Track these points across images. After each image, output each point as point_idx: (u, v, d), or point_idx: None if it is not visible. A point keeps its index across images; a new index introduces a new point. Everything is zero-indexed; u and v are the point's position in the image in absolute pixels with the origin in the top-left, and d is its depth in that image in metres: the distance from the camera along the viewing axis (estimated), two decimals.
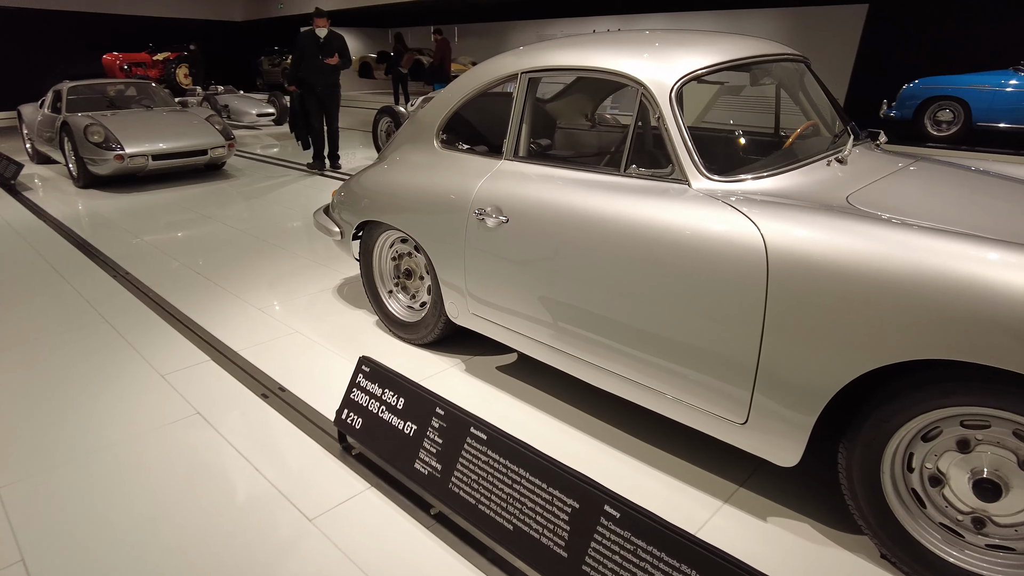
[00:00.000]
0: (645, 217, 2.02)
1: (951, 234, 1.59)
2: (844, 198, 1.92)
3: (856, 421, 1.74)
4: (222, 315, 3.54)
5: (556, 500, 1.69)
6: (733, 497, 2.10)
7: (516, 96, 2.52)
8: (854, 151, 2.25)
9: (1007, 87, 8.24)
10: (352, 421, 2.24)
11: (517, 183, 2.42)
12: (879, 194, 1.95)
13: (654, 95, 2.10)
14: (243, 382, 2.83)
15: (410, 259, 3.09)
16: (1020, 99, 8.19)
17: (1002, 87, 8.26)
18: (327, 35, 6.97)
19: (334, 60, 6.98)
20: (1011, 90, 8.25)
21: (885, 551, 1.79)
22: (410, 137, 3.08)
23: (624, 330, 2.11)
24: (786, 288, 1.72)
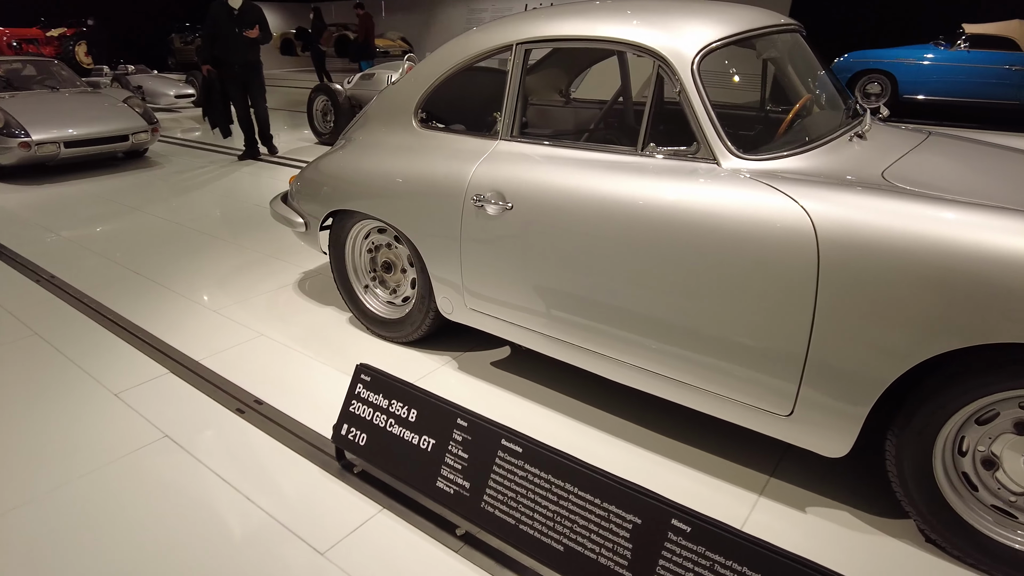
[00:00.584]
0: (675, 200, 1.87)
1: (1011, 211, 1.53)
2: (880, 175, 1.84)
3: (908, 408, 1.67)
4: (173, 320, 3.18)
5: (614, 516, 1.54)
6: (767, 489, 2.02)
7: (511, 70, 2.31)
8: (872, 126, 2.18)
9: (929, 60, 8.62)
10: (354, 437, 2.02)
11: (519, 165, 2.22)
12: (912, 170, 1.88)
13: (675, 68, 1.94)
14: (212, 396, 2.53)
15: (389, 251, 2.84)
16: (940, 72, 8.59)
17: (925, 60, 8.64)
18: (242, 5, 6.23)
19: (254, 32, 6.28)
20: (930, 64, 8.64)
21: (935, 536, 1.75)
22: (381, 117, 2.81)
23: (652, 323, 1.97)
24: (839, 272, 1.62)
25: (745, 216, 1.75)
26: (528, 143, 2.28)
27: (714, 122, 1.90)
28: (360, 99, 7.56)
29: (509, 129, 2.33)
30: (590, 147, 2.14)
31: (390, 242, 2.81)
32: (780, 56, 2.42)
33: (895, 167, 1.89)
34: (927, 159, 1.98)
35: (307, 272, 3.81)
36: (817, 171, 1.85)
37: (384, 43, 15.86)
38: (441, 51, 2.59)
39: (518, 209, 2.18)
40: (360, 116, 3.05)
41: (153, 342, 2.94)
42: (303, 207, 3.06)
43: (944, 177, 1.85)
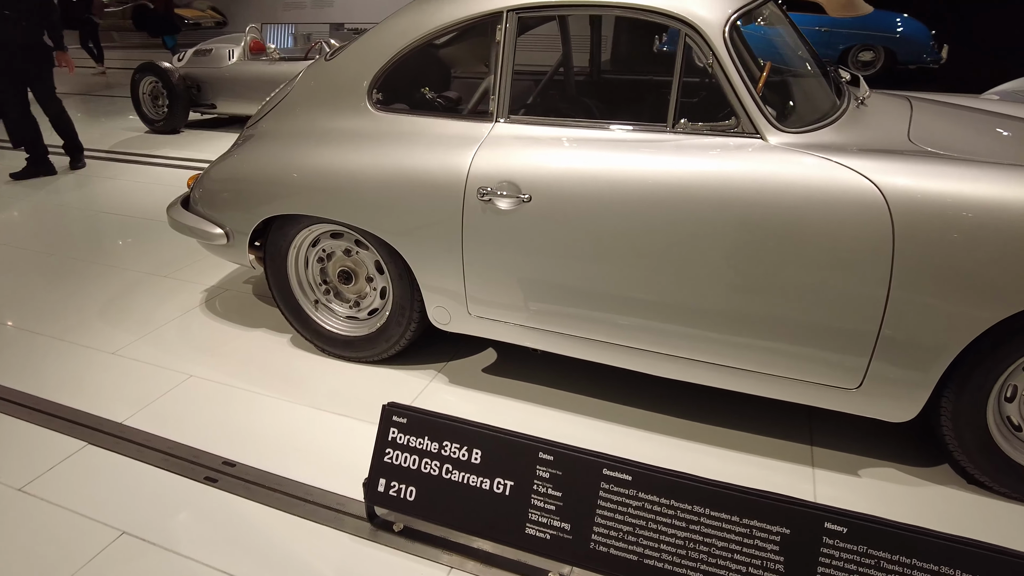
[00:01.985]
0: (729, 179, 1.75)
1: None
2: (908, 140, 1.87)
3: (968, 367, 1.73)
4: (64, 374, 2.50)
5: (757, 532, 1.42)
6: (816, 459, 2.04)
7: (503, 40, 2.03)
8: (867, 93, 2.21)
9: None
10: (397, 492, 1.69)
11: (531, 150, 1.97)
12: (929, 134, 1.93)
13: (706, 34, 1.80)
14: (163, 466, 2.01)
15: (348, 258, 2.43)
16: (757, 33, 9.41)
17: None
18: None
19: None
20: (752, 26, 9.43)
21: (983, 477, 1.86)
22: (318, 100, 2.37)
23: (706, 312, 1.86)
24: (915, 243, 1.61)
25: (813, 192, 1.68)
26: (532, 124, 2.03)
27: (753, 95, 1.80)
28: (199, 78, 6.56)
29: (504, 109, 2.05)
30: (611, 125, 1.94)
31: (349, 248, 2.41)
32: (771, 23, 2.36)
33: (914, 132, 1.93)
34: (931, 122, 2.05)
35: (210, 289, 3.21)
36: (853, 141, 1.82)
37: (192, 13, 13.94)
38: (400, 19, 2.22)
39: (537, 200, 1.93)
40: (279, 101, 2.56)
41: (50, 409, 2.28)
42: (222, 215, 2.52)
43: (961, 139, 1.92)
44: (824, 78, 2.11)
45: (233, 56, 6.55)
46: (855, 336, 1.72)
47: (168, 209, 2.78)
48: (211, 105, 6.67)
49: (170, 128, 6.64)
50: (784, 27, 2.19)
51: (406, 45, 2.17)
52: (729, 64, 1.80)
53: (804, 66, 2.14)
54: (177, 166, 5.63)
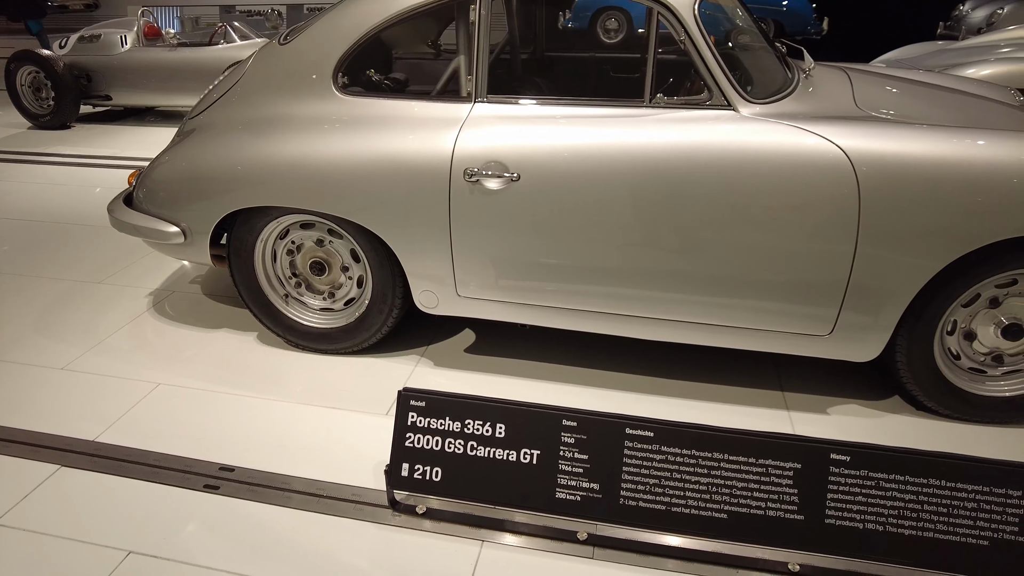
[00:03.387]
0: (707, 149, 1.87)
1: (971, 129, 1.84)
2: (856, 107, 2.06)
3: (917, 308, 1.95)
4: (13, 395, 2.28)
5: (772, 469, 1.56)
6: (788, 403, 2.23)
7: (478, 20, 2.03)
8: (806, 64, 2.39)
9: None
10: (423, 475, 1.71)
11: (516, 128, 2.00)
12: (873, 100, 2.13)
13: (681, 15, 1.90)
14: (154, 479, 1.91)
15: (320, 248, 2.38)
16: None
17: None
18: None
19: None
20: None
21: (931, 403, 2.11)
22: (275, 85, 2.29)
23: (692, 276, 1.98)
24: (877, 200, 1.80)
25: (784, 158, 1.83)
26: (512, 103, 2.06)
27: (724, 69, 1.92)
28: (88, 67, 6.03)
29: (482, 89, 2.07)
30: (591, 102, 2.01)
31: (322, 238, 2.35)
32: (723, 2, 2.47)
33: (859, 99, 2.13)
34: (869, 90, 2.26)
35: (155, 292, 3.02)
36: (812, 110, 1.99)
37: None
38: None
39: (527, 178, 1.97)
40: (227, 88, 2.44)
41: (7, 435, 2.09)
42: (176, 213, 2.39)
43: (898, 104, 2.13)
44: (774, 52, 2.27)
45: (127, 42, 6.06)
46: (828, 288, 1.90)
47: (110, 208, 2.59)
48: (105, 96, 6.16)
49: (58, 123, 6.07)
50: (733, 4, 2.32)
51: (373, 26, 2.13)
52: (701, 41, 1.90)
53: (758, 40, 2.29)
54: (74, 164, 5.19)
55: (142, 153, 5.44)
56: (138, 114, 6.80)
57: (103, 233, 3.71)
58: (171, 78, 6.02)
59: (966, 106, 2.25)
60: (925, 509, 1.50)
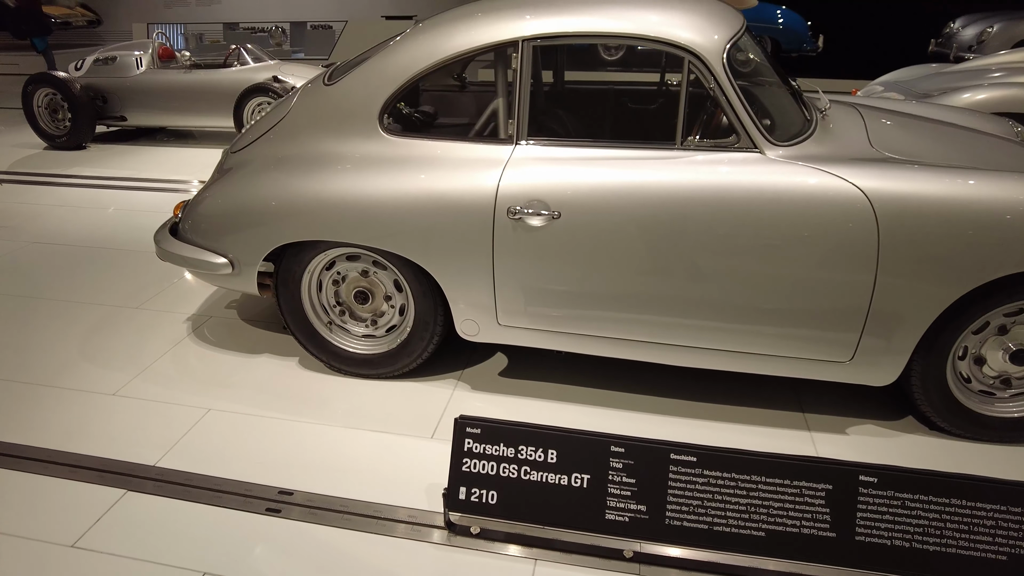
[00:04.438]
0: (737, 189, 2.02)
1: (980, 171, 2.00)
2: (872, 148, 2.21)
3: (932, 334, 2.09)
4: (70, 422, 2.39)
5: (806, 490, 1.69)
6: (810, 424, 2.37)
7: (520, 68, 2.17)
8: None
9: None
10: (480, 498, 1.83)
11: (556, 169, 2.13)
12: (887, 141, 2.28)
13: (709, 63, 2.04)
14: (217, 503, 2.02)
15: (364, 279, 2.50)
16: None
17: None
18: None
19: None
20: None
21: (943, 423, 2.25)
22: (322, 124, 2.42)
23: (722, 306, 2.12)
24: (894, 235, 1.95)
25: (809, 198, 1.98)
26: (552, 145, 2.20)
27: (751, 114, 2.06)
28: (104, 89, 6.14)
29: (525, 131, 2.20)
30: (626, 144, 2.15)
31: (367, 269, 2.47)
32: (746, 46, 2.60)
33: (873, 139, 2.28)
34: (882, 130, 2.41)
35: (192, 317, 3.13)
36: (831, 151, 2.14)
37: (58, 11, 12.72)
38: (411, 45, 2.30)
39: (567, 216, 2.11)
40: (272, 125, 2.57)
41: (74, 461, 2.20)
42: (224, 244, 2.50)
43: (910, 144, 2.29)
44: (792, 94, 2.42)
45: (142, 64, 6.18)
46: (850, 316, 2.04)
47: (157, 239, 2.70)
48: (120, 117, 6.27)
49: (74, 144, 6.17)
50: (755, 48, 2.47)
51: (419, 71, 2.26)
52: (729, 88, 2.05)
53: (778, 83, 2.43)
54: (92, 185, 5.29)
55: (157, 174, 5.56)
56: (150, 133, 6.90)
57: (132, 257, 3.82)
58: (185, 99, 6.14)
59: (972, 144, 2.41)
60: (948, 527, 1.64)
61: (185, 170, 5.68)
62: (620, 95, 3.23)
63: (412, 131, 2.39)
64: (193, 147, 6.48)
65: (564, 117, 2.88)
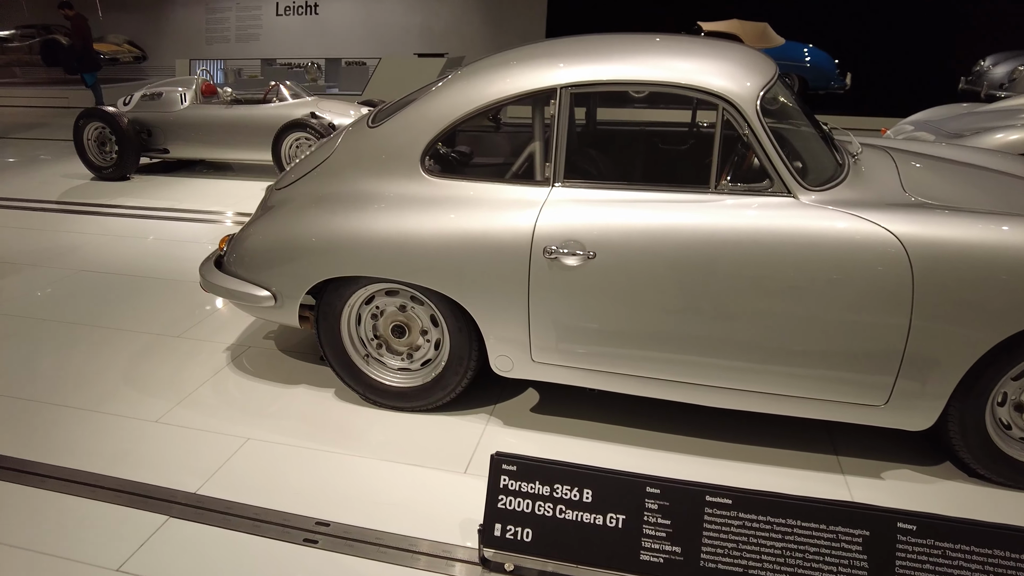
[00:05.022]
0: (770, 234, 2.05)
1: (1015, 216, 2.01)
2: (905, 193, 2.23)
3: (969, 379, 2.08)
4: (114, 447, 2.47)
5: (842, 536, 1.68)
6: (844, 467, 2.35)
7: (557, 114, 2.25)
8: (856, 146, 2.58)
9: None
10: (515, 535, 1.85)
11: (592, 210, 2.19)
12: (920, 186, 2.31)
13: (743, 110, 2.10)
14: (256, 532, 2.07)
15: (402, 314, 2.57)
16: None
17: None
18: None
19: None
20: None
21: (983, 470, 2.22)
22: (364, 164, 2.51)
23: (755, 347, 2.14)
24: (929, 280, 1.96)
25: (842, 243, 2.00)
26: (587, 187, 2.26)
27: (784, 160, 2.10)
28: (149, 123, 6.41)
29: (560, 174, 2.27)
30: (661, 187, 2.20)
31: (404, 304, 2.54)
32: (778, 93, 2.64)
33: (907, 184, 2.30)
34: (914, 175, 2.44)
35: (231, 347, 3.22)
36: (864, 196, 2.16)
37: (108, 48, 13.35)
38: (453, 91, 2.40)
39: (603, 256, 2.16)
40: (317, 164, 2.67)
41: (118, 486, 2.27)
42: (268, 278, 2.60)
43: (944, 190, 2.31)
44: (822, 137, 2.46)
45: (185, 100, 6.44)
46: (884, 359, 2.05)
47: (202, 271, 2.81)
48: (163, 150, 6.52)
49: (119, 175, 6.43)
50: (786, 94, 2.53)
51: (460, 116, 2.35)
52: (762, 133, 2.10)
53: (810, 128, 2.48)
54: (138, 215, 5.49)
55: (196, 205, 5.76)
56: (189, 165, 7.16)
57: (172, 286, 3.95)
58: (225, 133, 6.38)
59: (1006, 189, 2.42)
60: None
61: (223, 201, 5.87)
62: (651, 136, 3.30)
63: (451, 172, 2.47)
64: (231, 179, 6.70)
65: (597, 158, 2.95)
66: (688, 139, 3.20)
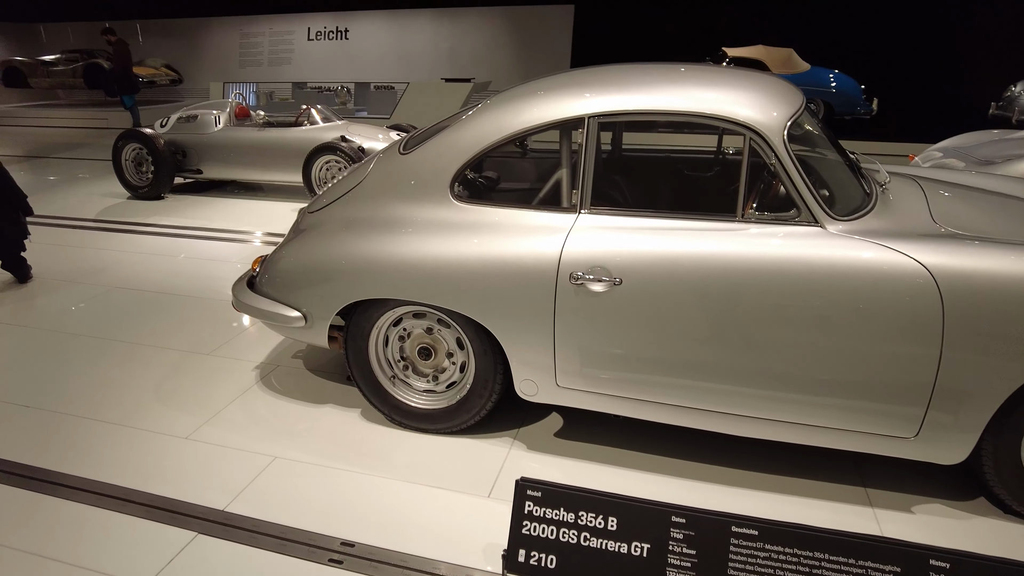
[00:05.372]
0: (798, 263, 2.05)
1: None
2: (934, 223, 2.22)
3: (1004, 412, 2.04)
4: (145, 462, 2.52)
5: (872, 571, 1.66)
6: (872, 500, 2.31)
7: (585, 142, 2.28)
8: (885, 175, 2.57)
9: None
10: (539, 561, 1.85)
11: (618, 237, 2.21)
12: (950, 215, 2.29)
13: (771, 140, 2.11)
14: (281, 551, 2.09)
15: (428, 336, 2.60)
16: None
17: None
18: None
19: None
20: None
21: (1020, 508, 2.17)
22: (396, 189, 2.57)
23: (782, 376, 2.12)
24: (960, 311, 1.93)
25: (870, 274, 1.99)
26: (613, 214, 2.28)
27: (811, 189, 2.11)
28: (184, 145, 6.60)
29: (586, 201, 2.30)
30: (686, 215, 2.22)
31: (431, 326, 2.57)
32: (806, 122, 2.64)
33: (935, 213, 2.29)
34: (944, 204, 2.42)
35: (260, 365, 3.28)
36: (892, 226, 2.15)
37: (146, 71, 13.82)
38: (483, 119, 2.45)
39: (629, 283, 2.17)
40: (350, 188, 2.74)
41: (149, 501, 2.32)
42: (299, 299, 2.65)
43: (974, 219, 2.28)
44: (850, 167, 2.46)
45: (220, 122, 6.63)
46: (914, 390, 2.02)
47: (234, 291, 2.88)
48: (197, 170, 6.70)
49: (154, 194, 6.62)
50: (813, 123, 2.54)
51: (489, 144, 2.40)
52: (789, 163, 2.11)
53: (837, 157, 2.48)
54: (170, 234, 5.63)
55: (227, 225, 5.89)
56: (221, 185, 7.34)
57: (203, 304, 4.04)
58: (257, 155, 6.54)
59: None
60: None
61: (253, 222, 6.00)
62: (677, 163, 3.32)
63: (479, 198, 2.51)
64: (261, 199, 6.85)
65: (623, 184, 2.97)
66: (714, 166, 3.21)
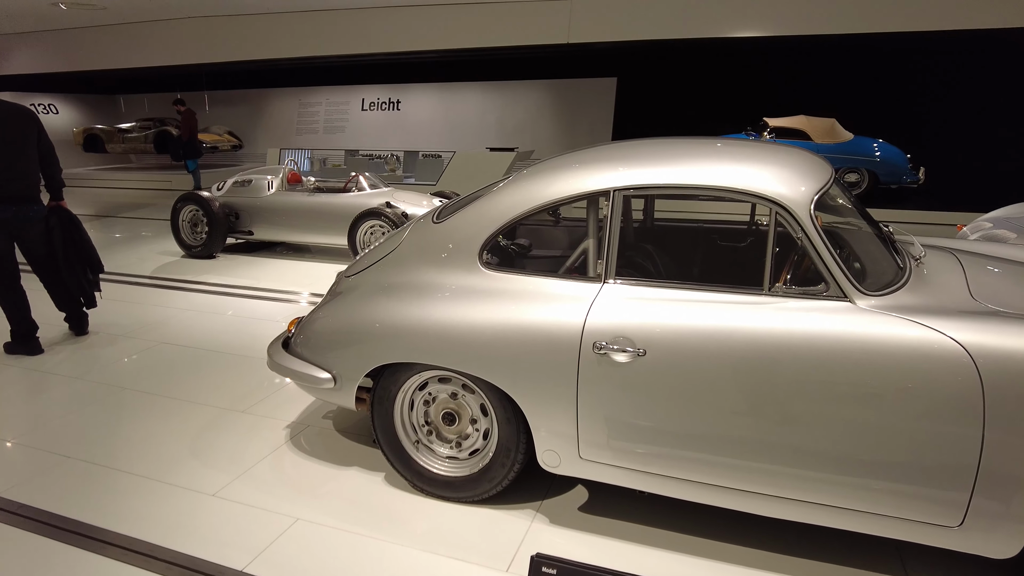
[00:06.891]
0: (827, 339, 2.00)
1: None
2: (972, 298, 2.15)
3: None
4: (170, 518, 2.56)
5: None
6: None
7: (610, 214, 2.32)
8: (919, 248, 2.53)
9: None
10: None
11: (643, 308, 2.21)
12: (987, 290, 2.22)
13: (797, 215, 2.11)
14: None
15: (453, 401, 2.61)
16: None
17: None
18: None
19: None
20: None
21: None
22: (427, 257, 2.64)
23: (814, 456, 2.04)
24: (1002, 391, 1.84)
25: (902, 352, 1.93)
26: (639, 285, 2.29)
27: (839, 263, 2.08)
28: (238, 207, 6.96)
29: (611, 271, 2.32)
30: (712, 287, 2.21)
31: (456, 391, 2.59)
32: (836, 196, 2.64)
33: (974, 289, 2.22)
34: (984, 279, 2.35)
35: (292, 424, 3.33)
36: (927, 302, 2.10)
37: (210, 138, 14.79)
38: (513, 191, 2.53)
39: (652, 354, 2.16)
40: (385, 255, 2.83)
41: (171, 558, 2.34)
42: (329, 360, 2.71)
43: (1016, 296, 2.20)
44: (883, 240, 2.43)
45: (272, 187, 6.98)
46: (955, 473, 1.91)
47: (269, 351, 2.96)
48: (248, 232, 7.02)
49: (207, 254, 6.94)
50: (844, 196, 2.53)
51: (518, 215, 2.47)
52: (816, 237, 2.09)
53: (869, 231, 2.46)
54: (220, 292, 5.86)
55: (274, 285, 6.11)
56: (270, 246, 7.66)
57: (243, 362, 4.16)
58: (306, 219, 6.83)
59: None
60: None
61: (300, 282, 6.21)
62: (711, 233, 3.33)
63: (508, 266, 2.56)
64: (308, 261, 7.11)
65: (652, 253, 2.99)
66: (745, 237, 3.20)
